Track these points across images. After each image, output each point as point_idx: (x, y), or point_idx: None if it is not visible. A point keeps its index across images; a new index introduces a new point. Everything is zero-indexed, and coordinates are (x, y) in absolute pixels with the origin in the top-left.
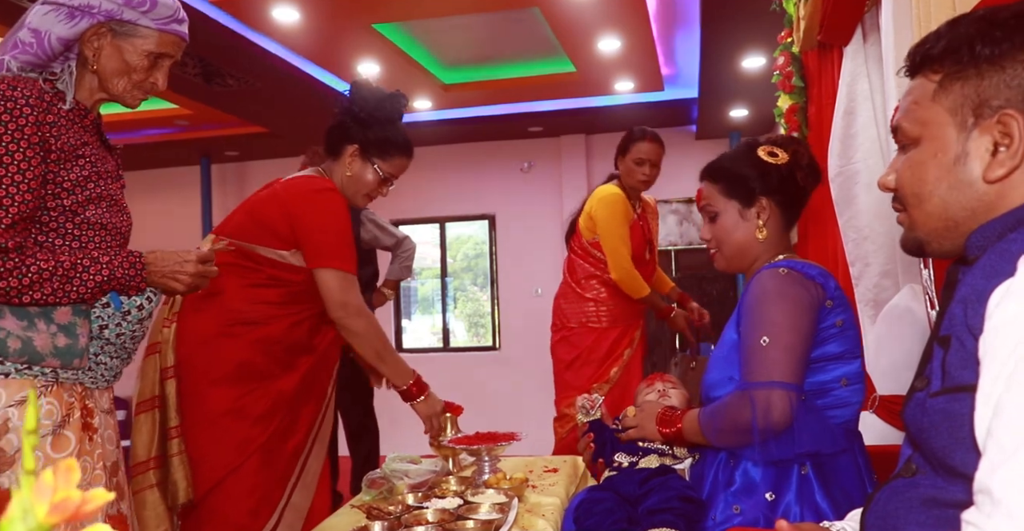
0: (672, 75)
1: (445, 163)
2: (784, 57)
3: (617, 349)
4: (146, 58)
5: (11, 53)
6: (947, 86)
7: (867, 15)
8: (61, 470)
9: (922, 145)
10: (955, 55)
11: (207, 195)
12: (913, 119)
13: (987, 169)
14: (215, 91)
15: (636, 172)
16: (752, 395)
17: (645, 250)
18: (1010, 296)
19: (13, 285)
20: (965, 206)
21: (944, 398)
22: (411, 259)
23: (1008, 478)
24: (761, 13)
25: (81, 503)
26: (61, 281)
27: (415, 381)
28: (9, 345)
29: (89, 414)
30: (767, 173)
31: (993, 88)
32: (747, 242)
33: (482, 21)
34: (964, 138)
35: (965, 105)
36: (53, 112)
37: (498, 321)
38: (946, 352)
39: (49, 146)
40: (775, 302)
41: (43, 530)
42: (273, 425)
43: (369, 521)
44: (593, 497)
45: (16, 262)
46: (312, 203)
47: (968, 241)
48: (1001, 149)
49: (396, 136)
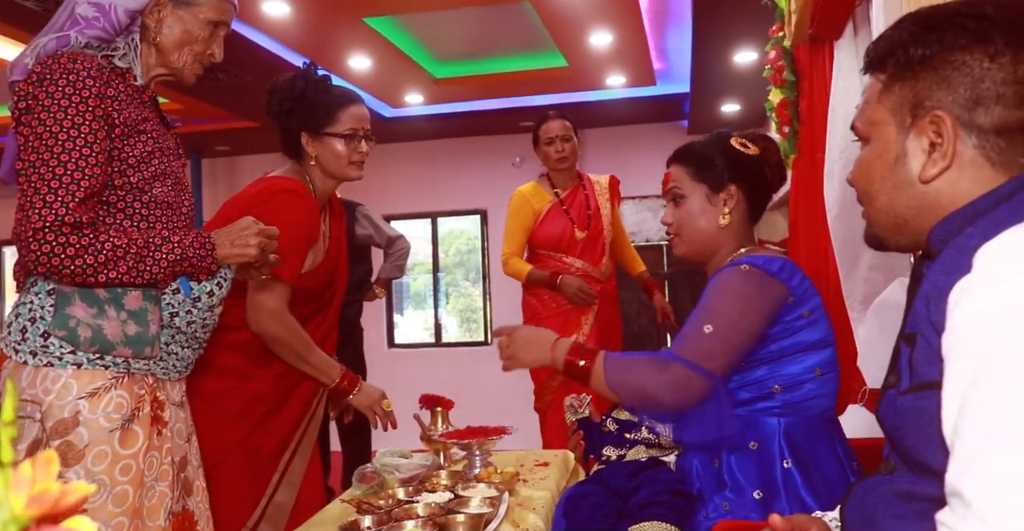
0: (664, 70)
1: (437, 158)
2: (775, 51)
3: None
4: (207, 27)
5: (75, 29)
6: (889, 87)
7: (858, 9)
8: (40, 461)
9: (871, 144)
10: (893, 57)
11: (197, 190)
12: (864, 118)
13: (922, 169)
14: (205, 85)
15: (549, 152)
16: (675, 369)
17: (575, 229)
18: (967, 293)
19: (89, 262)
20: (909, 205)
21: (913, 396)
22: (404, 259)
23: (978, 480)
24: (753, 7)
25: (60, 495)
26: (135, 259)
27: (343, 376)
28: (80, 333)
29: (160, 407)
30: (739, 162)
31: (927, 89)
32: (710, 228)
33: (473, 15)
34: (903, 138)
35: (904, 106)
36: (113, 86)
37: (490, 316)
38: (912, 350)
39: (113, 120)
40: (732, 299)
41: (20, 523)
42: (250, 424)
43: (359, 515)
44: (582, 491)
45: (91, 238)
46: (269, 205)
47: (930, 235)
48: (935, 149)
49: (326, 97)
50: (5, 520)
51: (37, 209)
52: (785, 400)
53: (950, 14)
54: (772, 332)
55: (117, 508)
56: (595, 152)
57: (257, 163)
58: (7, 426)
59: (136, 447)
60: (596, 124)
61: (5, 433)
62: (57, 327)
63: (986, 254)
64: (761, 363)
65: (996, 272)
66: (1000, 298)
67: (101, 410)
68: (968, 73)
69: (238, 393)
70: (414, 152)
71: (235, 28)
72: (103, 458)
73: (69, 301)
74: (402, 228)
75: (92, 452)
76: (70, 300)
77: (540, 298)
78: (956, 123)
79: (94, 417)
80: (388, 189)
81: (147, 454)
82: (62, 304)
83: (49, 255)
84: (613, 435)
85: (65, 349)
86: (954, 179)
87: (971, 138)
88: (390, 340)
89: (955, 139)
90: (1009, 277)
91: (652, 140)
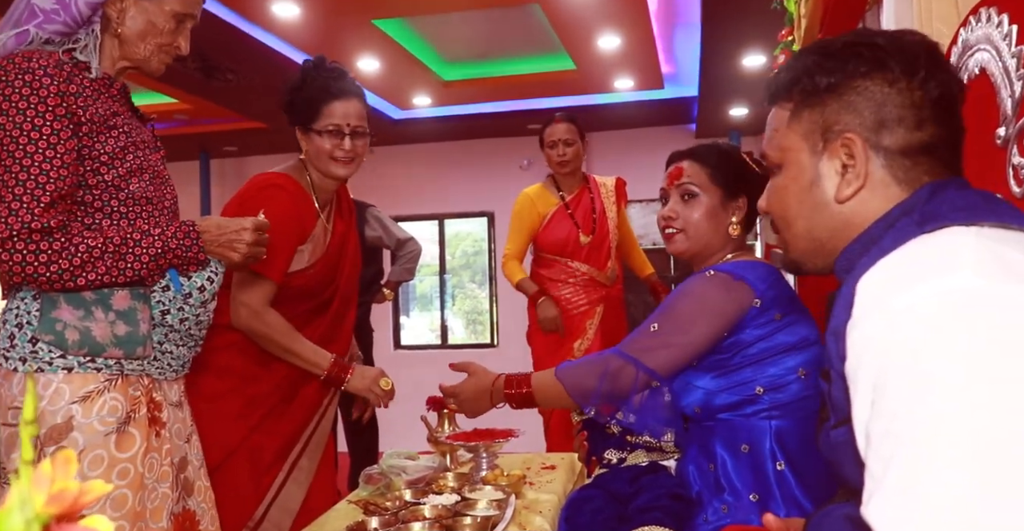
0: (672, 73)
1: (444, 160)
2: (784, 55)
3: (566, 342)
4: (172, 19)
5: (33, 23)
6: (798, 114)
7: (868, 13)
8: (59, 461)
9: (783, 171)
10: (799, 85)
11: (206, 190)
12: (774, 146)
13: (837, 190)
14: (214, 86)
15: (552, 155)
16: (610, 360)
17: (579, 233)
18: (854, 327)
19: (64, 267)
20: (826, 226)
21: (842, 430)
22: (414, 261)
23: (878, 508)
24: (762, 11)
25: (79, 494)
26: (114, 258)
27: (333, 364)
28: (67, 337)
29: (157, 408)
30: (751, 176)
31: (834, 114)
32: (718, 233)
33: (482, 18)
34: (816, 161)
35: (815, 131)
36: (75, 82)
37: (496, 318)
38: (829, 386)
39: (78, 118)
40: (686, 301)
41: (40, 521)
42: (251, 423)
43: (366, 516)
44: (583, 495)
45: (63, 243)
46: (254, 200)
47: (835, 267)
48: (848, 170)
49: (308, 92)
50: (29, 518)
51: (3, 218)
52: (773, 402)
53: (846, 44)
54: (746, 336)
55: (116, 512)
56: (603, 155)
57: (265, 164)
58: (28, 425)
59: (133, 450)
60: (604, 127)
61: (26, 432)
62: (44, 332)
63: (862, 287)
64: (743, 366)
65: (870, 302)
66: (878, 327)
67: (95, 414)
68: (870, 97)
69: (238, 394)
70: (422, 154)
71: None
72: (99, 463)
73: (55, 305)
74: (409, 229)
75: (88, 457)
76: (56, 304)
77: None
78: (866, 145)
79: (88, 421)
80: (395, 190)
81: (146, 456)
82: (48, 308)
83: (22, 264)
84: (616, 438)
85: (54, 353)
86: (866, 198)
87: (879, 158)
88: (396, 342)
89: (867, 160)
90: (880, 306)
91: (660, 143)
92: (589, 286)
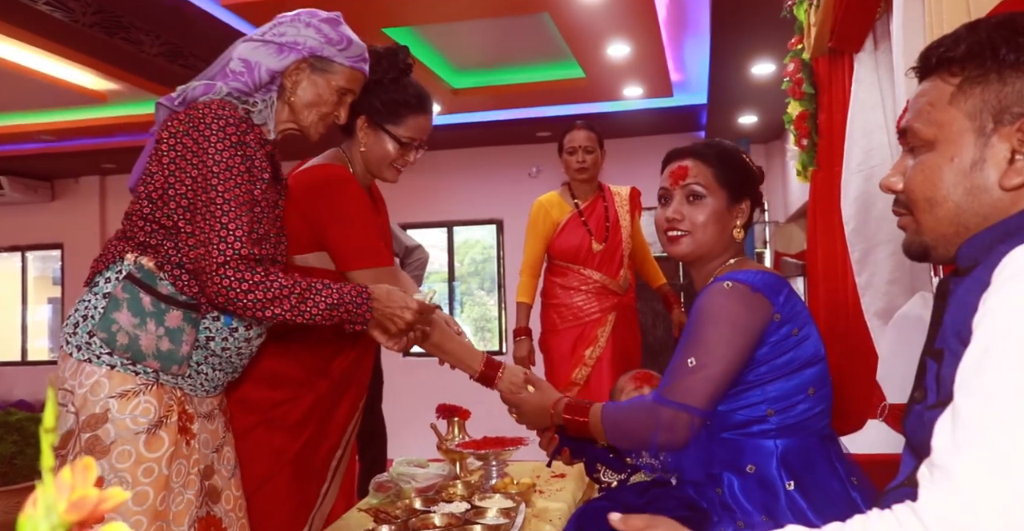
0: (681, 81)
1: (454, 167)
2: (794, 63)
3: (577, 350)
4: (336, 93)
5: (224, 80)
6: (966, 89)
7: (878, 22)
8: (79, 468)
9: (937, 149)
10: (978, 59)
11: None
12: (927, 121)
13: (1003, 176)
14: None
15: (570, 162)
16: (661, 411)
17: (592, 241)
18: (996, 290)
19: (259, 298)
20: (978, 212)
21: (941, 410)
22: (422, 269)
23: (970, 460)
24: (771, 19)
25: (98, 501)
26: (298, 299)
27: (484, 362)
28: (118, 339)
29: (188, 419)
30: (754, 178)
31: (1015, 95)
32: (723, 236)
33: (492, 26)
34: (982, 143)
35: (985, 110)
36: (250, 135)
37: (505, 325)
38: (939, 365)
39: (249, 165)
40: (716, 325)
41: (63, 527)
42: (307, 434)
43: (376, 524)
44: (594, 507)
45: (262, 276)
46: (324, 197)
47: (959, 252)
48: (1019, 157)
49: (402, 95)
50: (54, 525)
51: (215, 244)
52: (780, 422)
53: None
54: (761, 354)
55: (137, 507)
56: (612, 163)
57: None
58: (48, 433)
59: (160, 452)
60: (613, 135)
61: (46, 439)
62: (100, 328)
63: (1010, 259)
64: (753, 386)
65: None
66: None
67: (129, 412)
68: None
69: (294, 403)
70: (431, 161)
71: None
72: (127, 457)
73: (118, 307)
74: (418, 237)
75: (116, 449)
76: (119, 306)
77: (558, 311)
78: None
79: (122, 417)
80: (404, 197)
81: (174, 461)
82: (112, 308)
83: (227, 289)
84: (610, 458)
85: (103, 350)
86: None
87: None
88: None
89: None
90: None
91: None
92: (601, 294)
